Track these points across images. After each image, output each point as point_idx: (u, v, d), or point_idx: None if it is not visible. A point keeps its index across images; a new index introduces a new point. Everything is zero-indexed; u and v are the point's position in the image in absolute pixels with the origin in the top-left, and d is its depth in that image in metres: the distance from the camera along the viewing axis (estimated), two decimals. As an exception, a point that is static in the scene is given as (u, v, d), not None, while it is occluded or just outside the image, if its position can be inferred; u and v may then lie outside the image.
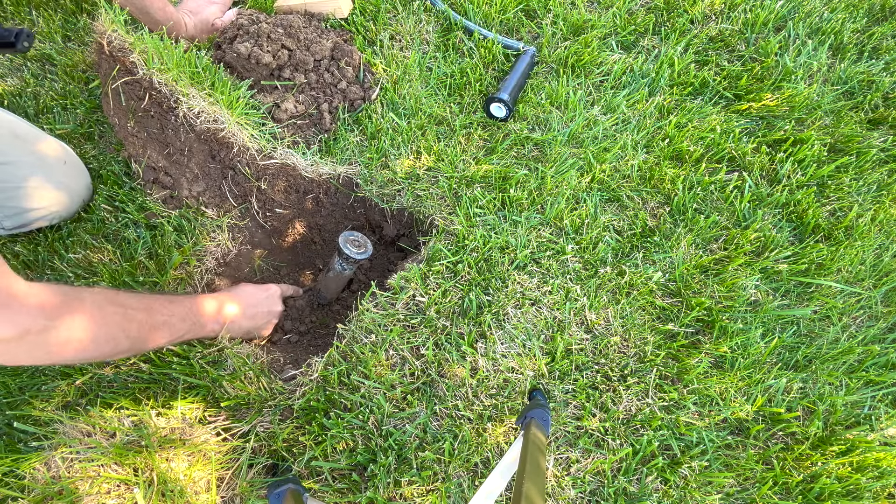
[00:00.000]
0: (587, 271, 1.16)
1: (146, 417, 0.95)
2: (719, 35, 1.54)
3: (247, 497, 0.92)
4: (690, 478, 0.96)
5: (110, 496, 0.87)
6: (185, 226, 1.27)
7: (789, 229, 1.25)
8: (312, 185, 1.36)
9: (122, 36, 1.22)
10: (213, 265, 1.26)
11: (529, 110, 1.39)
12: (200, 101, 1.23)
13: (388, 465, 0.94)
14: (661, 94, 1.42)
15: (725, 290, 1.14)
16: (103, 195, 1.29)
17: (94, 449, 0.90)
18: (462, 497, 0.94)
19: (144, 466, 0.89)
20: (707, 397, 1.03)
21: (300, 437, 0.98)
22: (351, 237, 1.24)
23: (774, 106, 1.40)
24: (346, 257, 1.22)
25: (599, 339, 1.08)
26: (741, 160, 1.33)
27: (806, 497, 0.95)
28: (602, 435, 1.00)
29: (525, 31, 1.56)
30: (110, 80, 1.25)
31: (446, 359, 1.05)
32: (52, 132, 1.41)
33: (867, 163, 1.33)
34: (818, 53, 1.49)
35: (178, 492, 0.88)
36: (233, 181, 1.34)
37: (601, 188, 1.28)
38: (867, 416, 1.03)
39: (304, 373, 1.06)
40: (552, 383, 1.04)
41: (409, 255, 1.32)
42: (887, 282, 1.18)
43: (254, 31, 1.32)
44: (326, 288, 1.33)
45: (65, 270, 1.20)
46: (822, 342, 1.11)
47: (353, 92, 1.40)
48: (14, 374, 1.10)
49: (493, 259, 1.16)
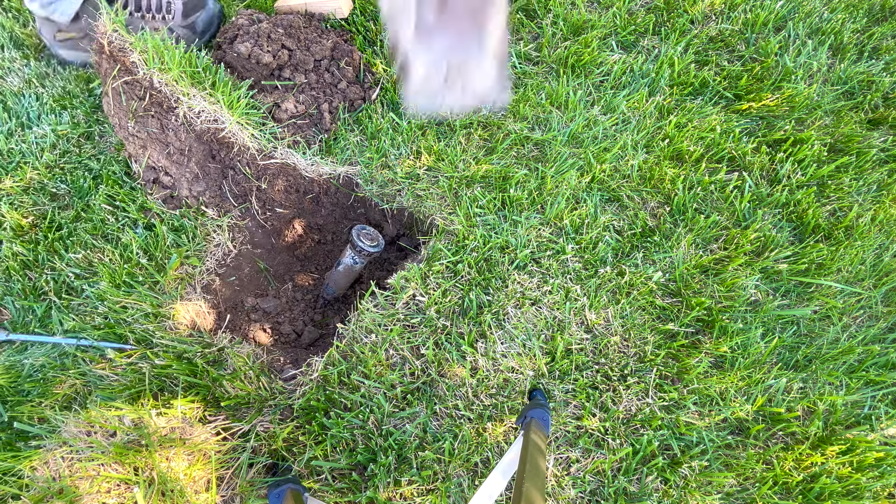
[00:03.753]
0: (587, 271, 1.16)
1: (146, 417, 0.95)
2: (719, 35, 1.54)
3: (247, 496, 0.92)
4: (690, 478, 0.96)
5: (110, 495, 0.87)
6: (185, 226, 1.27)
7: (789, 229, 1.25)
8: (312, 185, 1.36)
9: (122, 36, 1.22)
10: (213, 265, 1.26)
11: (529, 110, 1.39)
12: (201, 101, 1.23)
13: (388, 465, 0.94)
14: (661, 94, 1.42)
15: (725, 290, 1.14)
16: (103, 195, 1.29)
17: (94, 448, 0.90)
18: (462, 497, 0.94)
19: (144, 466, 0.89)
20: (707, 397, 1.03)
21: (300, 436, 0.98)
22: (363, 231, 1.24)
23: (774, 106, 1.40)
24: (360, 250, 1.21)
25: (599, 338, 1.08)
26: (741, 160, 1.33)
27: (806, 497, 0.95)
28: (602, 435, 1.00)
29: (525, 31, 1.57)
30: (111, 80, 1.25)
31: (446, 358, 1.05)
32: (53, 132, 1.41)
33: (867, 163, 1.33)
34: (818, 53, 1.49)
35: (177, 491, 0.88)
36: (233, 181, 1.34)
37: (601, 188, 1.28)
38: (867, 416, 1.03)
39: (304, 372, 1.06)
40: (552, 383, 1.04)
41: (409, 255, 1.32)
42: (887, 282, 1.18)
43: (254, 31, 1.32)
44: (335, 283, 1.33)
45: (64, 270, 1.20)
46: (822, 342, 1.11)
47: (353, 92, 1.40)
48: (14, 375, 1.10)
49: (493, 259, 1.16)
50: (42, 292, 1.20)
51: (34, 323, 1.18)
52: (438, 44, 1.13)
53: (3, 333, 1.17)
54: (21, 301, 1.19)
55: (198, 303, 1.19)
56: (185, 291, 1.19)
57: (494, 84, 1.18)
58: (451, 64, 1.14)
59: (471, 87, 1.19)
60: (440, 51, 1.14)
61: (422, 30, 1.09)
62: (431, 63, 1.17)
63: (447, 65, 1.16)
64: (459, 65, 1.16)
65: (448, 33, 1.09)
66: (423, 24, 1.09)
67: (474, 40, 1.11)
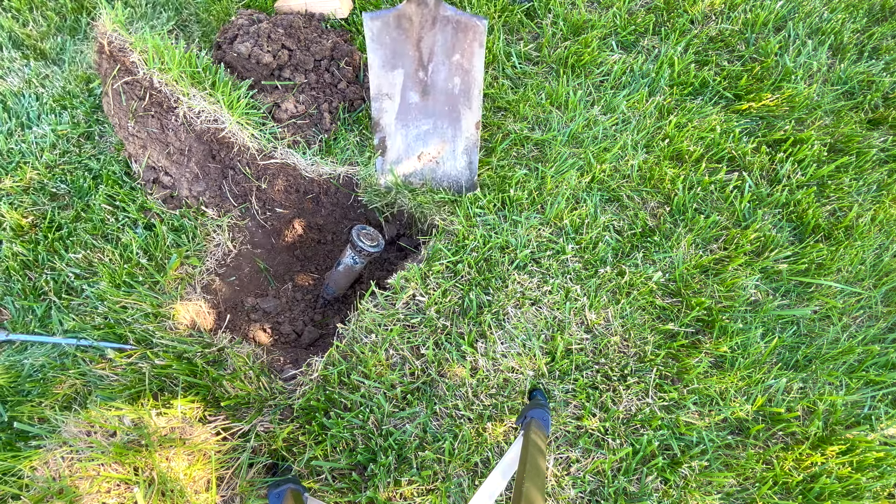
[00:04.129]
0: (587, 271, 1.16)
1: (146, 417, 0.95)
2: (719, 35, 1.54)
3: (247, 496, 0.92)
4: (690, 477, 0.96)
5: (110, 495, 0.87)
6: (185, 225, 1.27)
7: (789, 229, 1.25)
8: (312, 185, 1.36)
9: (122, 36, 1.22)
10: (213, 265, 1.26)
11: (529, 110, 1.39)
12: (201, 101, 1.23)
13: (388, 465, 0.94)
14: (661, 94, 1.42)
15: (725, 290, 1.14)
16: (103, 195, 1.29)
17: (94, 448, 0.90)
18: (462, 497, 0.94)
19: (144, 466, 0.89)
20: (707, 397, 1.03)
21: (300, 436, 0.98)
22: (363, 230, 1.24)
23: (774, 106, 1.40)
24: (360, 250, 1.21)
25: (599, 338, 1.08)
26: (741, 160, 1.33)
27: (806, 497, 0.95)
28: (602, 435, 1.00)
29: (525, 31, 1.57)
30: (111, 80, 1.25)
31: (446, 358, 1.05)
32: (53, 132, 1.41)
33: (867, 163, 1.33)
34: (818, 53, 1.49)
35: (177, 491, 0.88)
36: (233, 181, 1.34)
37: (601, 188, 1.28)
38: (867, 416, 1.03)
39: (304, 372, 1.06)
40: (552, 383, 1.04)
41: (409, 255, 1.32)
42: (887, 282, 1.18)
43: (254, 31, 1.32)
44: (336, 283, 1.33)
45: (64, 270, 1.20)
46: (822, 342, 1.11)
47: (353, 92, 1.40)
48: (14, 375, 1.10)
49: (493, 259, 1.16)
50: (42, 292, 1.20)
51: (34, 323, 1.18)
52: (417, 126, 1.22)
53: (3, 333, 1.17)
54: (21, 301, 1.19)
55: (198, 303, 1.19)
56: (185, 291, 1.19)
57: (463, 171, 1.27)
58: (426, 147, 1.25)
59: (442, 170, 1.28)
60: (417, 133, 1.24)
61: (404, 112, 1.19)
62: (407, 144, 1.26)
63: (422, 148, 1.26)
64: (432, 150, 1.25)
65: (427, 119, 1.20)
66: (406, 107, 1.19)
67: (449, 129, 1.22)
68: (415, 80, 1.14)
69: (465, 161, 1.25)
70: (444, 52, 1.09)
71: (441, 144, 1.22)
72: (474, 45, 1.08)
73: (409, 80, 1.14)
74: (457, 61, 1.10)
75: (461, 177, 1.27)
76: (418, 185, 1.29)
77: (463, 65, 1.10)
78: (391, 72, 1.13)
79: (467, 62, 1.10)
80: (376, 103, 1.17)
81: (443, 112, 1.18)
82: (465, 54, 1.09)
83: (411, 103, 1.17)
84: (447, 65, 1.11)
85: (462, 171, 1.26)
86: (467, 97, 1.16)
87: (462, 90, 1.15)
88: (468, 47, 1.08)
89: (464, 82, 1.13)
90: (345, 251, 1.26)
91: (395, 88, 1.15)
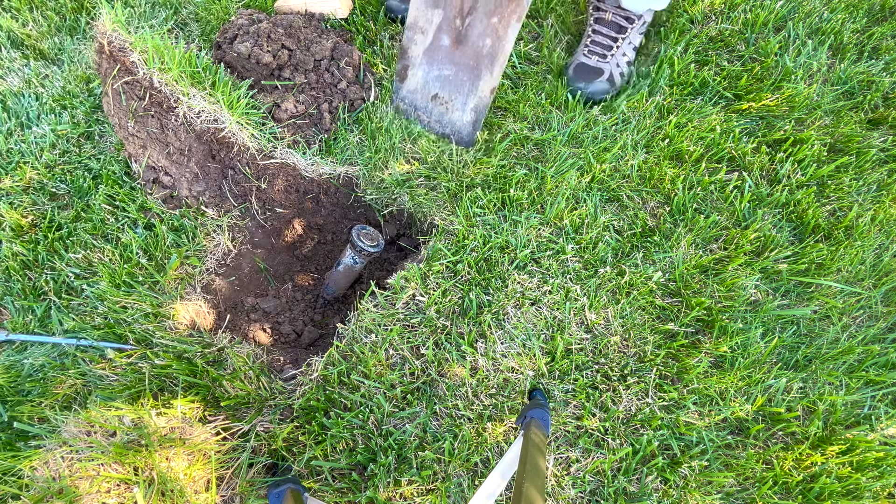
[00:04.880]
0: (587, 271, 1.16)
1: (146, 417, 0.95)
2: (719, 35, 1.54)
3: (247, 496, 0.92)
4: (690, 477, 0.96)
5: (110, 495, 0.87)
6: (185, 225, 1.27)
7: (789, 229, 1.25)
8: (312, 185, 1.36)
9: (122, 36, 1.22)
10: (213, 265, 1.26)
11: (529, 110, 1.40)
12: (201, 101, 1.23)
13: (388, 465, 0.94)
14: (661, 94, 1.42)
15: (725, 290, 1.14)
16: (103, 195, 1.29)
17: (94, 448, 0.90)
18: (462, 497, 0.94)
19: (144, 466, 0.89)
20: (707, 397, 1.03)
21: (300, 436, 0.98)
22: (363, 230, 1.24)
23: (774, 106, 1.40)
24: (360, 250, 1.21)
25: (599, 338, 1.08)
26: (741, 160, 1.33)
27: (806, 497, 0.95)
28: (602, 434, 1.00)
29: (525, 31, 1.57)
30: (111, 80, 1.25)
31: (446, 358, 1.05)
32: (53, 132, 1.41)
33: (867, 163, 1.33)
34: (818, 53, 1.49)
35: (177, 491, 0.88)
36: (233, 181, 1.34)
37: (601, 188, 1.28)
38: (867, 416, 1.03)
39: (304, 372, 1.06)
40: (552, 383, 1.04)
41: (409, 255, 1.32)
42: (887, 282, 1.18)
43: (254, 31, 1.32)
44: (335, 283, 1.33)
45: (64, 270, 1.20)
46: (822, 342, 1.11)
47: (353, 92, 1.40)
48: (14, 374, 1.10)
49: (493, 259, 1.16)
50: (42, 292, 1.20)
51: (34, 323, 1.18)
52: (440, 69, 1.26)
53: (3, 333, 1.17)
54: (21, 301, 1.19)
55: (198, 303, 1.19)
56: (184, 291, 1.19)
57: (466, 125, 1.31)
58: (442, 90, 1.28)
59: (447, 118, 1.32)
60: (438, 75, 1.27)
61: (432, 50, 1.23)
62: (426, 80, 1.29)
63: (438, 90, 1.29)
64: (446, 95, 1.29)
65: (452, 66, 1.24)
66: (435, 47, 1.22)
67: (468, 83, 1.25)
68: (451, 26, 1.18)
69: (472, 117, 1.30)
70: (484, 11, 1.13)
71: (456, 94, 1.27)
72: (512, 18, 1.12)
73: (446, 24, 1.18)
74: (494, 24, 1.14)
75: (464, 130, 1.33)
76: (424, 121, 1.36)
77: (498, 30, 1.14)
78: (432, 9, 1.17)
79: (502, 29, 1.14)
80: (409, 33, 1.22)
81: (468, 66, 1.22)
82: (502, 21, 1.13)
83: (442, 45, 1.21)
84: (484, 23, 1.15)
85: (466, 124, 1.32)
86: (492, 61, 1.19)
87: (490, 53, 1.18)
88: (507, 17, 1.12)
89: (493, 46, 1.17)
90: (345, 251, 1.26)
91: (431, 26, 1.19)
